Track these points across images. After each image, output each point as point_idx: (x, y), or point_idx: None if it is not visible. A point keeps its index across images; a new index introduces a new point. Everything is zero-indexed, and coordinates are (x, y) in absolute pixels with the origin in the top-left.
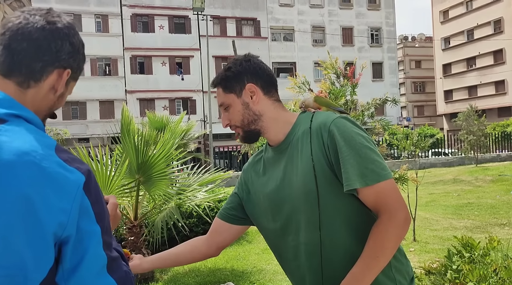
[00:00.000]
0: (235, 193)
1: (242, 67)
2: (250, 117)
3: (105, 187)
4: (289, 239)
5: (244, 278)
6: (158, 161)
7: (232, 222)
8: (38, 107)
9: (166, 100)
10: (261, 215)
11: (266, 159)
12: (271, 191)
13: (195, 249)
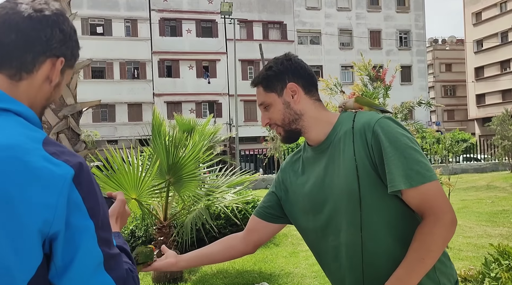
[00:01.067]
0: (272, 192)
1: (283, 66)
2: (291, 116)
3: (136, 188)
4: (329, 239)
5: (272, 280)
6: (188, 162)
7: (269, 220)
8: (33, 99)
9: (193, 103)
10: (300, 215)
11: (305, 158)
12: (311, 191)
13: (232, 247)
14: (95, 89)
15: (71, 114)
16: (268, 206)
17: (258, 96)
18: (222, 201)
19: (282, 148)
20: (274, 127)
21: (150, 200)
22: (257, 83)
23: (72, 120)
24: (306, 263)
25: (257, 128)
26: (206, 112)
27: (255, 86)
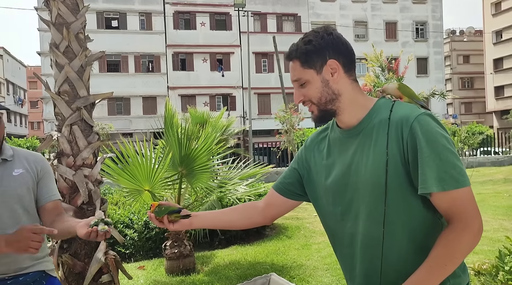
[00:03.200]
0: (294, 168)
1: (325, 41)
2: (328, 96)
3: (149, 179)
4: (347, 225)
5: (284, 272)
6: (201, 154)
7: (289, 197)
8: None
9: (207, 96)
10: (321, 196)
11: (332, 139)
12: (335, 175)
13: (249, 218)
14: (111, 83)
15: (84, 106)
16: (289, 182)
17: (293, 72)
18: (235, 193)
19: (296, 141)
20: (307, 104)
21: (163, 192)
22: (294, 57)
23: (85, 112)
24: (318, 256)
25: (271, 121)
26: (220, 105)
27: (290, 60)
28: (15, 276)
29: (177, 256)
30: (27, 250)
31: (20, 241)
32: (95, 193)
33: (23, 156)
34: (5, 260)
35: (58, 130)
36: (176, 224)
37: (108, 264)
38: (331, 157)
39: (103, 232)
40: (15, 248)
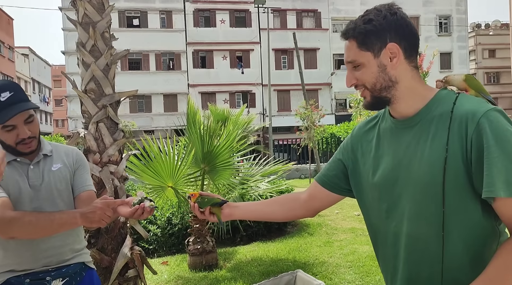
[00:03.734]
0: (338, 159)
1: (387, 21)
2: (384, 82)
3: (172, 176)
4: (391, 224)
5: (307, 269)
6: (223, 151)
7: (333, 190)
8: None
9: (227, 93)
10: (366, 191)
11: (382, 129)
12: (384, 169)
13: (292, 210)
14: (132, 81)
15: (110, 104)
16: (334, 175)
17: (347, 52)
18: (257, 190)
19: (316, 138)
20: (360, 89)
21: (185, 188)
22: (351, 36)
23: (111, 110)
24: (341, 253)
25: (291, 118)
26: (239, 103)
27: (346, 39)
28: (58, 268)
29: (200, 252)
30: (99, 223)
31: (94, 214)
32: (120, 189)
33: (61, 151)
34: (48, 253)
35: (85, 127)
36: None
37: (133, 259)
38: (380, 149)
39: (151, 208)
40: (88, 220)
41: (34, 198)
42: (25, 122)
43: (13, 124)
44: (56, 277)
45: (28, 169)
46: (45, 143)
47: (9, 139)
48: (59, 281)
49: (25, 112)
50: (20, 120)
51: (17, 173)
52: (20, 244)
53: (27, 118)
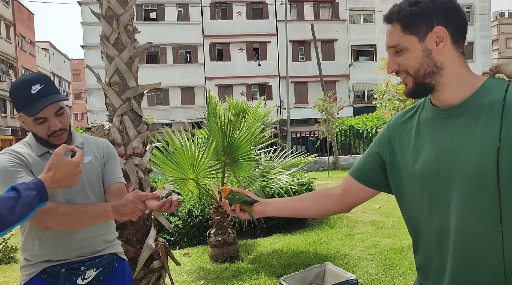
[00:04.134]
0: (375, 152)
1: (435, 4)
2: (429, 68)
3: (193, 168)
4: (435, 217)
5: (329, 261)
6: (244, 144)
7: (369, 185)
8: None
9: (243, 86)
10: (406, 184)
11: (423, 119)
12: (426, 160)
13: (326, 206)
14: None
15: (133, 97)
16: (370, 169)
17: (390, 36)
18: (277, 182)
19: (335, 130)
20: (401, 75)
21: (206, 180)
22: (395, 19)
23: (135, 103)
24: (362, 246)
25: (308, 110)
26: (256, 95)
27: (389, 23)
28: (91, 258)
29: (221, 244)
30: (131, 215)
31: (126, 207)
32: (145, 181)
33: (92, 143)
34: (82, 244)
35: (109, 120)
36: (247, 212)
37: (158, 251)
38: (420, 139)
39: (178, 202)
40: (120, 213)
41: (67, 190)
42: (56, 114)
43: (44, 116)
44: (90, 267)
45: None
46: (76, 135)
47: (41, 131)
48: (93, 271)
49: (56, 105)
50: (51, 113)
51: None
52: (55, 235)
53: (57, 110)
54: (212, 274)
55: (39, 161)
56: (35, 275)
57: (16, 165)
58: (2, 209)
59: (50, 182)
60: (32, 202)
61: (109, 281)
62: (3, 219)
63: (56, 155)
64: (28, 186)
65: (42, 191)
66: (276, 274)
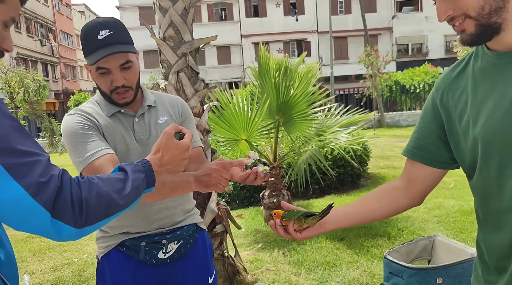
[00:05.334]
0: (428, 123)
1: None
2: (494, 3)
3: (246, 128)
4: (508, 182)
5: (391, 224)
6: (299, 101)
7: (434, 164)
8: None
9: (281, 43)
10: (467, 149)
11: (478, 69)
12: (489, 115)
13: (393, 203)
14: None
15: (189, 52)
16: (428, 144)
17: None
18: (336, 142)
19: (381, 86)
20: (458, 20)
21: (258, 141)
22: None
23: (191, 58)
24: (425, 207)
25: (348, 66)
26: (294, 52)
27: None
28: (172, 230)
29: (275, 206)
30: (216, 187)
31: (210, 177)
32: (205, 143)
33: (166, 101)
34: (161, 215)
35: (165, 78)
36: (305, 231)
37: (220, 215)
38: (479, 93)
39: (265, 173)
40: (203, 184)
41: (142, 154)
42: (121, 68)
43: (107, 67)
44: (171, 240)
45: (133, 121)
46: (147, 92)
47: (103, 85)
48: (174, 244)
49: (122, 57)
50: (115, 65)
51: (123, 127)
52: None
53: (123, 63)
54: (269, 237)
55: (110, 122)
56: (113, 248)
57: (86, 127)
58: (112, 192)
59: (158, 165)
60: (140, 186)
61: (190, 254)
62: (114, 203)
63: (165, 135)
64: (136, 167)
65: (150, 174)
66: (337, 237)
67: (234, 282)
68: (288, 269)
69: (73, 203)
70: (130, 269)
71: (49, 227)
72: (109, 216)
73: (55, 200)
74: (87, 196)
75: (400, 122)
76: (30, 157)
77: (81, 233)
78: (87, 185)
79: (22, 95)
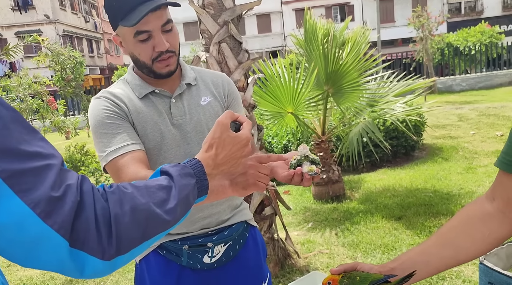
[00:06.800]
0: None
1: None
2: None
3: (292, 101)
4: None
5: (453, 201)
6: (350, 70)
7: None
8: None
9: (322, 8)
10: None
11: None
12: None
13: (490, 236)
14: None
15: (231, 20)
16: None
17: None
18: (392, 113)
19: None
20: None
21: (305, 113)
22: None
23: (233, 27)
24: (490, 181)
25: (395, 29)
26: (337, 17)
27: None
28: (218, 231)
29: (325, 182)
30: (256, 186)
31: (246, 176)
32: (250, 119)
33: (208, 78)
34: (205, 213)
35: (205, 50)
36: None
37: (269, 196)
38: None
39: (311, 175)
40: (241, 186)
41: (181, 143)
42: (163, 29)
43: (148, 29)
44: (218, 242)
45: (170, 103)
46: (187, 68)
47: (144, 53)
48: (222, 247)
49: (162, 16)
50: (157, 26)
51: (156, 111)
52: None
53: (165, 23)
54: (319, 215)
55: (141, 106)
56: (152, 251)
57: (113, 116)
58: (152, 205)
59: (211, 166)
60: (190, 195)
61: (241, 256)
62: (156, 219)
63: (219, 126)
64: (184, 169)
65: (203, 179)
66: (394, 216)
67: (285, 266)
68: (343, 252)
69: (98, 224)
70: (173, 275)
71: (67, 260)
72: (151, 237)
73: (74, 222)
74: (118, 213)
75: (453, 88)
76: (37, 161)
77: (111, 266)
78: (117, 197)
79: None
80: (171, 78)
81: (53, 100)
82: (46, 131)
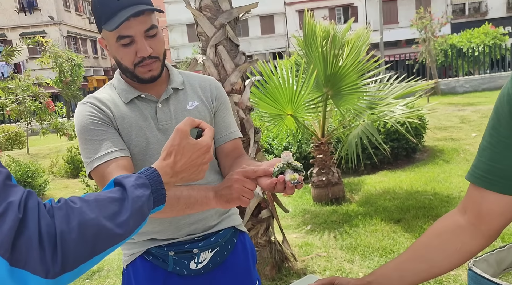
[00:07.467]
0: (503, 140)
1: None
2: None
3: (292, 103)
4: None
5: (453, 203)
6: (349, 72)
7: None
8: None
9: (326, 9)
10: None
11: None
12: None
13: (462, 249)
14: None
15: (228, 22)
16: (508, 166)
17: None
18: (391, 115)
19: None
20: None
21: (305, 116)
22: None
23: (230, 29)
24: None
25: (398, 31)
26: (340, 18)
27: None
28: (205, 237)
29: (325, 184)
30: (239, 200)
31: (231, 189)
32: (247, 122)
33: (196, 83)
34: (191, 219)
35: (202, 52)
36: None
37: (265, 198)
38: None
39: (293, 184)
40: (224, 199)
41: None
42: (146, 34)
43: (130, 34)
44: (204, 249)
45: (156, 108)
46: (174, 72)
47: (126, 57)
48: (208, 253)
49: (146, 21)
50: (139, 31)
51: (141, 116)
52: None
53: (148, 29)
54: (318, 218)
55: (126, 111)
56: (139, 256)
57: (98, 122)
58: (102, 219)
59: (169, 174)
60: (145, 206)
61: (228, 262)
62: (106, 233)
63: (178, 133)
64: (138, 179)
65: (159, 188)
66: (393, 218)
67: (282, 269)
68: (341, 255)
69: (42, 242)
70: (159, 281)
71: (7, 280)
72: (101, 252)
73: (14, 240)
74: (64, 230)
75: (456, 89)
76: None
77: (56, 284)
78: (64, 213)
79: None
80: (158, 83)
81: (51, 103)
82: (45, 133)
